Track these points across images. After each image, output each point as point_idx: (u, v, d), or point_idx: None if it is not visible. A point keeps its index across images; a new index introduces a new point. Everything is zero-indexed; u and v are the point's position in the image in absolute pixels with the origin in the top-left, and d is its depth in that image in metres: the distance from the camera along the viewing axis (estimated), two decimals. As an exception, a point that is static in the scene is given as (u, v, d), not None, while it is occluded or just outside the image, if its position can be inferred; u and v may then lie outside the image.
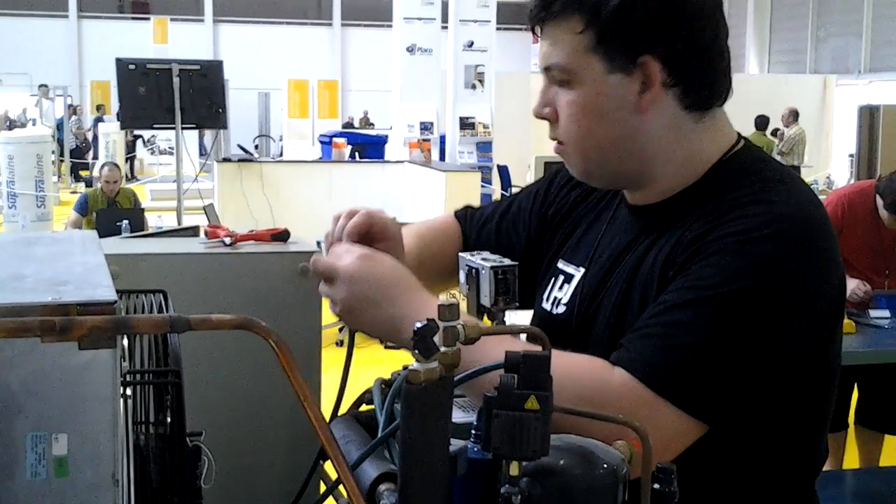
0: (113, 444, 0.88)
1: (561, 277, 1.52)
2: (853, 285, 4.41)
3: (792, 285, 1.25)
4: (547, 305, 1.53)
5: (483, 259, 1.43)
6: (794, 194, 1.32)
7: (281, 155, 19.22)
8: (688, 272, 1.27)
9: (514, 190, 14.45)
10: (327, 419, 1.06)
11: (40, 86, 21.68)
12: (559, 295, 1.51)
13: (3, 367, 0.85)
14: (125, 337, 1.03)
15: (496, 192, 12.85)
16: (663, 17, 1.31)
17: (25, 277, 0.97)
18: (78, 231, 1.34)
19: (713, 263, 1.25)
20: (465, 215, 1.73)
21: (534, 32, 1.41)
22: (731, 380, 1.23)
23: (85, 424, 0.87)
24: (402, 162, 11.85)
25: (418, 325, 0.93)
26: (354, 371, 1.41)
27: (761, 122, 15.20)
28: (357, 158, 13.49)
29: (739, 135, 1.43)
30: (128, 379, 0.99)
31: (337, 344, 7.64)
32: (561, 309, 1.49)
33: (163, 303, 1.16)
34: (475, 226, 1.70)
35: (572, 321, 1.45)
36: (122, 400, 0.92)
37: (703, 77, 1.35)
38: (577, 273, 1.49)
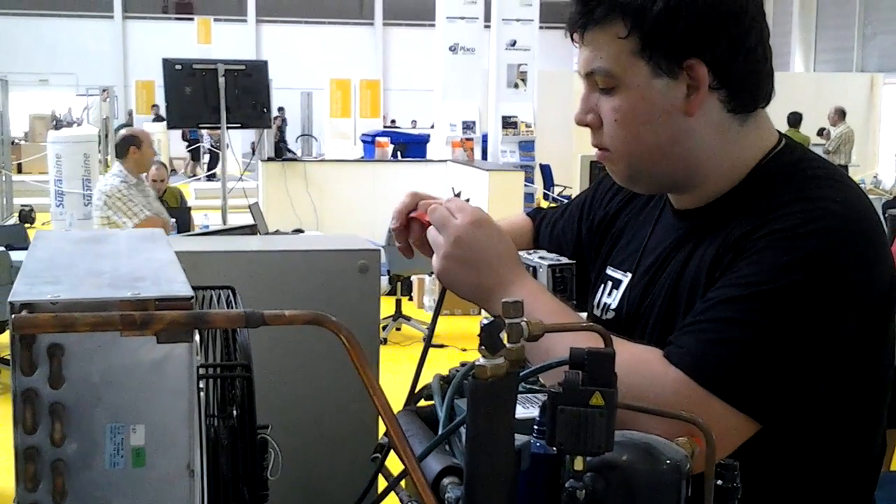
0: (189, 436, 0.90)
1: (609, 283, 1.53)
2: None
3: (840, 279, 1.24)
4: (597, 312, 1.54)
5: (540, 258, 1.44)
6: (839, 190, 1.31)
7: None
8: (735, 269, 1.27)
9: (557, 189, 14.47)
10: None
11: (102, 89, 22.07)
12: (608, 301, 1.52)
13: (84, 360, 0.87)
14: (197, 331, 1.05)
15: (539, 191, 12.84)
16: (708, 19, 1.30)
17: (103, 273, 1.00)
18: (144, 229, 1.38)
19: (760, 260, 1.25)
20: (535, 215, 1.78)
21: (573, 39, 1.39)
22: (780, 376, 1.23)
23: (162, 416, 0.89)
24: (444, 161, 11.88)
25: (484, 321, 0.94)
26: (402, 369, 1.43)
27: (794, 119, 14.98)
28: (399, 158, 13.53)
29: (781, 134, 1.43)
30: (201, 372, 1.01)
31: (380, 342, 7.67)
32: (610, 314, 1.51)
33: (231, 298, 1.19)
34: (539, 226, 1.75)
35: (621, 325, 1.46)
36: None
37: (748, 79, 1.35)
38: (625, 278, 1.50)
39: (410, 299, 9.31)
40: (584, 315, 1.55)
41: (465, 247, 1.35)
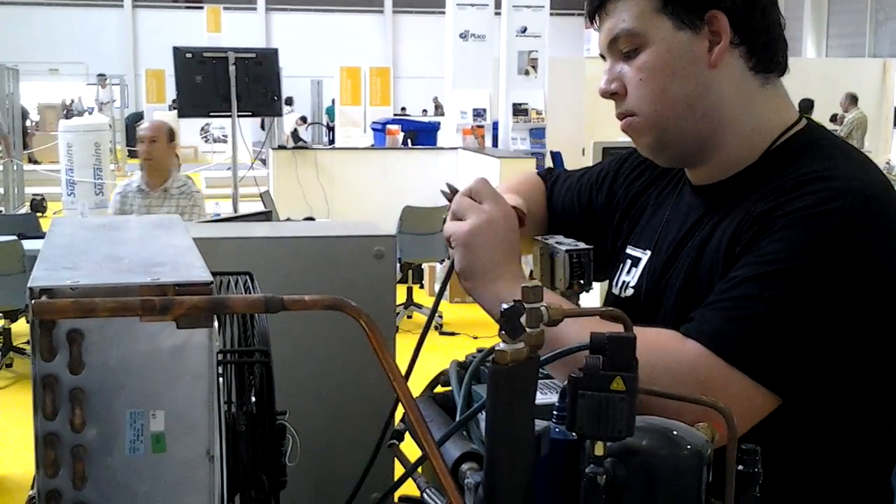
0: (208, 421, 0.90)
1: (629, 262, 1.54)
2: None
3: (861, 257, 1.25)
4: (615, 290, 1.55)
5: (557, 242, 1.44)
6: (859, 170, 1.32)
7: (333, 142, 19.35)
8: (756, 247, 1.27)
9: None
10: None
11: (99, 75, 22.03)
12: (627, 279, 1.53)
13: (103, 346, 0.87)
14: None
15: (549, 178, 12.76)
16: None
17: (121, 259, 0.99)
18: (161, 216, 1.38)
19: (781, 238, 1.25)
20: (546, 176, 1.79)
21: (592, 19, 1.43)
22: (802, 351, 1.23)
23: (182, 401, 0.89)
24: (455, 149, 11.86)
25: (505, 306, 0.94)
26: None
27: (806, 106, 14.81)
28: (410, 145, 13.51)
29: (801, 114, 1.44)
30: (220, 358, 1.01)
31: (393, 329, 7.67)
32: (629, 292, 1.51)
33: (249, 284, 1.18)
34: (551, 186, 1.76)
35: (640, 302, 1.47)
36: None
37: (767, 36, 1.38)
38: (644, 256, 1.51)
39: (422, 287, 9.32)
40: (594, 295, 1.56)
41: (467, 254, 1.40)
